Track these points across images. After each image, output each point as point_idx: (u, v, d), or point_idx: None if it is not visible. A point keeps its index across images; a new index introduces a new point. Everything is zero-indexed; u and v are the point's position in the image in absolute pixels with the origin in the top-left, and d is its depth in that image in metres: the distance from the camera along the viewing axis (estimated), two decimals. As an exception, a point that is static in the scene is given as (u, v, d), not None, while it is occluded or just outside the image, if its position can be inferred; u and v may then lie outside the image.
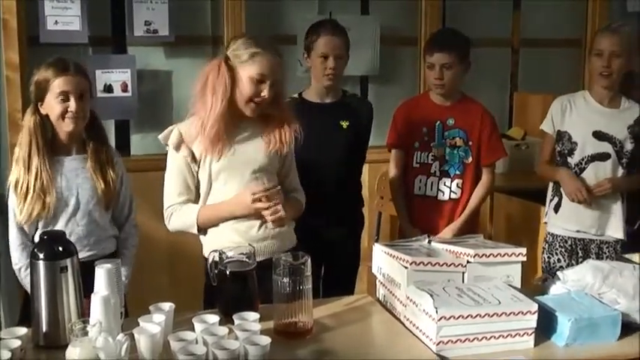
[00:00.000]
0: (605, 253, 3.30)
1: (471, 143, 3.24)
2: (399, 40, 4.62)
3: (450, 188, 3.25)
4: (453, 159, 3.24)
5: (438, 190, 3.25)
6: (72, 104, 2.50)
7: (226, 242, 2.44)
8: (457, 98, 3.28)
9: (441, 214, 3.26)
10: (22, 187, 2.50)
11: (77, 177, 2.57)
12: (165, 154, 2.59)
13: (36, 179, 2.49)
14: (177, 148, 2.52)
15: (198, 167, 2.54)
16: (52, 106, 2.51)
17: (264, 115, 2.57)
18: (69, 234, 2.50)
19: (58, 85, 2.49)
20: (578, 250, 3.33)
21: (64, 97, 2.50)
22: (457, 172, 3.24)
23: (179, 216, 2.56)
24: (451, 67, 3.15)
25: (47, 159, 2.51)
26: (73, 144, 2.60)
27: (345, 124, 3.15)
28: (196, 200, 2.58)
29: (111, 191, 2.61)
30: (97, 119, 2.68)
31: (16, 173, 2.51)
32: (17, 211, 2.53)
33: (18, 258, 2.57)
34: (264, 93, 2.49)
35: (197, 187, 2.57)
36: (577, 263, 3.10)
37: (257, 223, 2.53)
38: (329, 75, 3.07)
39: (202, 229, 2.57)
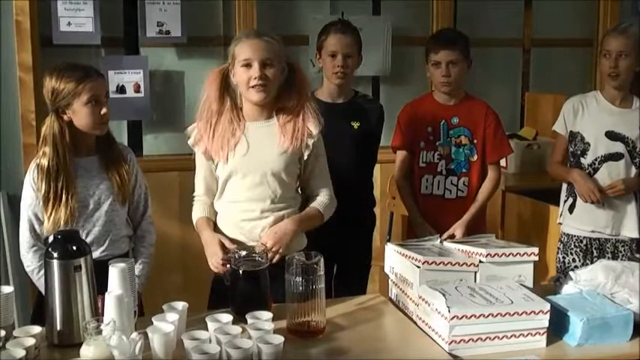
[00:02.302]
0: (621, 252, 3.29)
1: (476, 141, 3.24)
2: (410, 41, 4.60)
3: (457, 186, 3.25)
4: (458, 157, 3.25)
5: (445, 188, 3.26)
6: (104, 108, 2.51)
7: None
8: (461, 97, 3.29)
9: (448, 212, 3.25)
10: (50, 197, 2.48)
11: (93, 177, 2.57)
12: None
13: (62, 188, 2.48)
14: (195, 145, 2.59)
15: (216, 164, 2.59)
16: (83, 113, 2.48)
17: (281, 111, 2.57)
18: (86, 234, 2.52)
19: (87, 90, 2.46)
20: (594, 250, 3.32)
21: (95, 101, 2.48)
22: (463, 170, 3.25)
23: (193, 211, 2.65)
24: (457, 64, 3.17)
25: (71, 165, 2.50)
26: (86, 145, 2.58)
27: (356, 124, 3.15)
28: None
29: (126, 184, 2.60)
30: None
31: (44, 184, 2.48)
32: (35, 221, 2.52)
33: (30, 260, 2.55)
34: (254, 73, 2.47)
35: (217, 180, 2.61)
36: (592, 263, 3.09)
37: (261, 224, 2.54)
38: (337, 73, 3.09)
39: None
